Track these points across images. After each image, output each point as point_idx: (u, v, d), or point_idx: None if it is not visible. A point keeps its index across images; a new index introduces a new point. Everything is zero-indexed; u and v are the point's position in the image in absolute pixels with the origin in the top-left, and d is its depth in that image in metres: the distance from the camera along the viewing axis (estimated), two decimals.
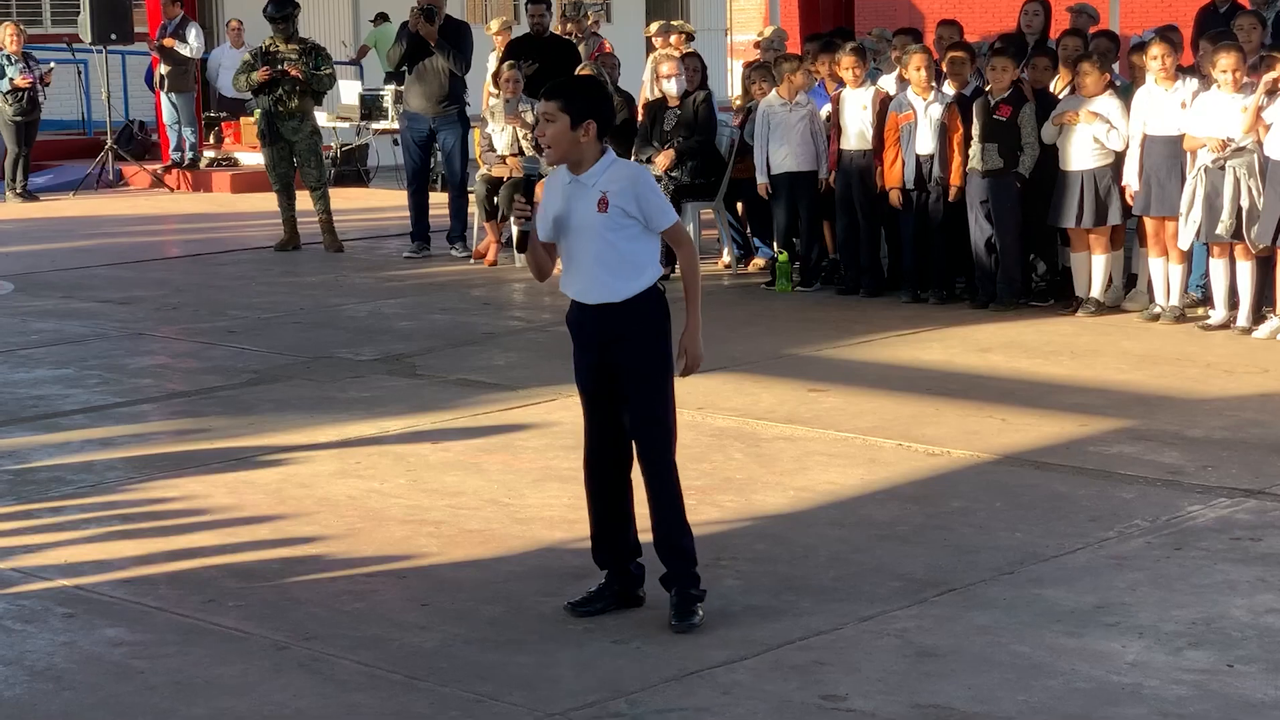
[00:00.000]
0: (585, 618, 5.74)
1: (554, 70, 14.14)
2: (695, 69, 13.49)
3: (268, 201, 15.47)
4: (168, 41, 19.85)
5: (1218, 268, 10.57)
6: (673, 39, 15.57)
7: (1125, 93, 11.08)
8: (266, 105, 14.74)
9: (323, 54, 15.07)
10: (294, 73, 14.63)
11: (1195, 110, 10.46)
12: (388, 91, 19.60)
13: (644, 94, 14.78)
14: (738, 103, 14.42)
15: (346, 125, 20.48)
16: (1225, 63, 10.25)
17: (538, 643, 5.55)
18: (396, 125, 16.67)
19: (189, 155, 20.43)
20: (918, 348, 10.23)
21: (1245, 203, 10.22)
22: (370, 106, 20.04)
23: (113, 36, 20.11)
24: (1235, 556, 6.28)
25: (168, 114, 20.48)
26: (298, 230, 14.94)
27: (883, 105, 11.82)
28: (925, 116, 11.52)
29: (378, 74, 22.01)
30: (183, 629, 5.74)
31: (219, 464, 7.83)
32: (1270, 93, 10.04)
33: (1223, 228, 10.24)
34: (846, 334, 10.58)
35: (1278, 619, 5.63)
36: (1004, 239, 11.37)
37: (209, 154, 20.78)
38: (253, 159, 20.40)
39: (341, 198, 16.11)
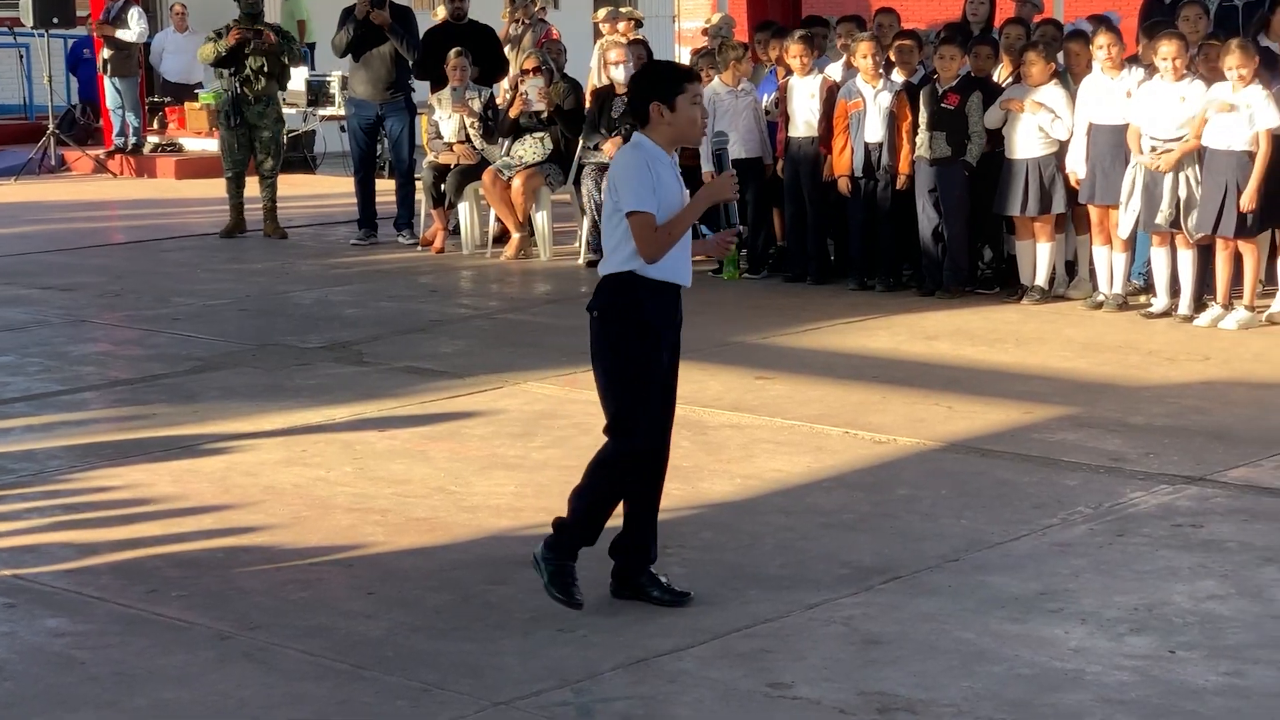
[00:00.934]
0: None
1: (476, 57, 14.12)
2: (641, 56, 13.47)
3: (212, 187, 15.39)
4: (107, 29, 19.69)
5: (1159, 256, 10.64)
6: (620, 26, 15.57)
7: (1063, 80, 11.13)
8: (233, 87, 14.59)
9: (290, 35, 15.02)
10: (269, 37, 14.53)
11: (1137, 99, 10.52)
12: (335, 78, 19.50)
13: (591, 81, 14.77)
14: None
15: (293, 111, 20.36)
16: (1166, 51, 10.31)
17: (484, 631, 5.55)
18: (343, 111, 16.58)
19: (132, 140, 20.27)
20: (865, 335, 10.26)
21: (1184, 193, 10.29)
22: (317, 92, 19.94)
23: (55, 20, 19.94)
24: (1176, 543, 6.33)
25: (111, 99, 20.32)
26: (244, 216, 14.85)
27: (830, 93, 11.84)
28: (874, 104, 11.55)
29: (327, 60, 21.91)
30: (125, 619, 5.71)
31: (163, 452, 7.79)
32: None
33: (1162, 217, 10.31)
34: (793, 322, 10.61)
35: (1218, 605, 5.68)
36: (952, 227, 11.42)
37: (153, 139, 20.63)
38: (197, 144, 20.30)
39: (288, 184, 16.02)
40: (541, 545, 5.71)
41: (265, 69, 14.56)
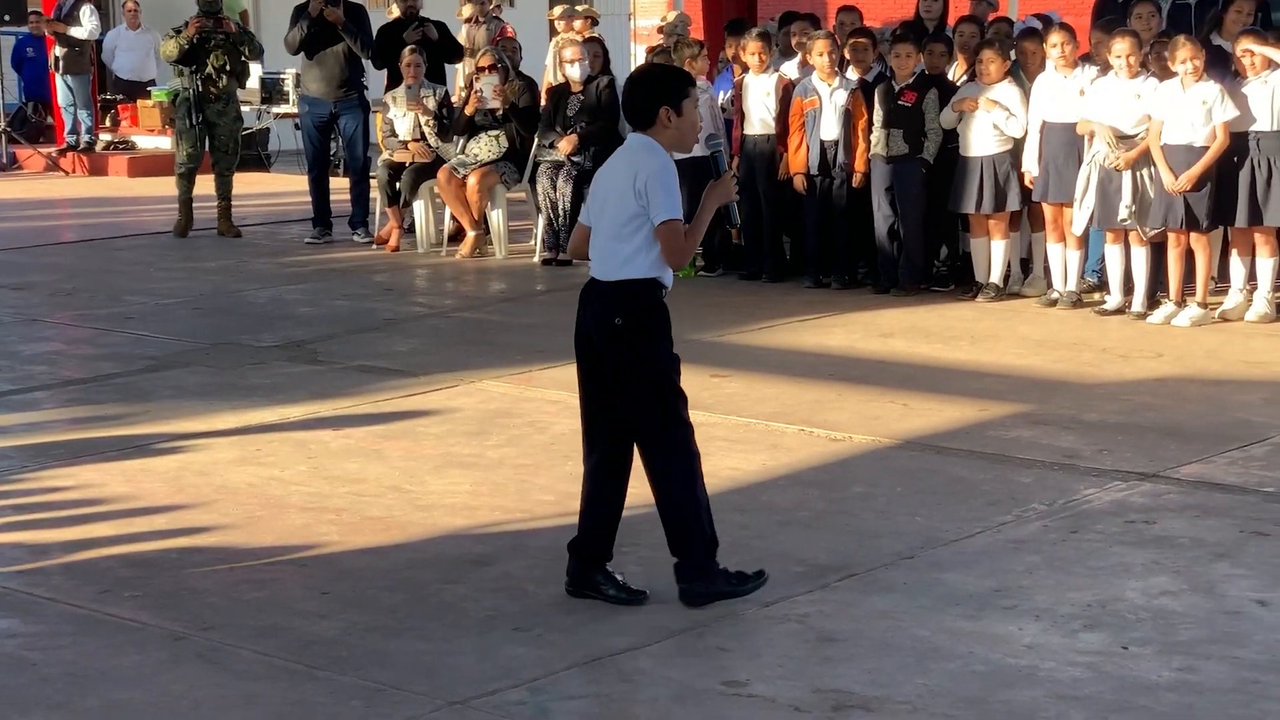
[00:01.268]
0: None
1: (431, 54, 14.10)
2: (597, 54, 13.47)
3: (166, 185, 15.30)
4: (58, 26, 19.57)
5: (1113, 253, 10.69)
6: (576, 24, 15.54)
7: (1017, 78, 11.18)
8: (192, 85, 14.49)
9: (249, 31, 14.97)
10: (229, 25, 14.47)
11: (1091, 96, 10.57)
12: (288, 75, 19.44)
13: (547, 79, 14.74)
14: None
15: (247, 109, 20.27)
16: (1120, 49, 10.37)
17: (439, 630, 5.53)
18: (297, 110, 16.52)
19: (85, 138, 20.16)
20: (820, 333, 10.28)
21: (1139, 189, 10.34)
22: (271, 90, 19.86)
23: (5, 17, 19.81)
24: (1130, 539, 6.36)
25: (63, 96, 20.20)
26: (193, 214, 14.76)
27: (786, 91, 11.86)
28: (830, 102, 11.57)
29: (280, 57, 21.82)
30: (78, 620, 5.67)
31: (115, 452, 7.74)
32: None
33: (1125, 212, 10.35)
34: (749, 319, 10.61)
35: (1171, 601, 5.70)
36: (908, 224, 11.45)
37: (105, 137, 20.52)
38: (150, 142, 20.19)
39: (242, 182, 15.93)
40: (687, 587, 5.66)
41: (227, 66, 14.49)
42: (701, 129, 6.90)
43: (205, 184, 14.80)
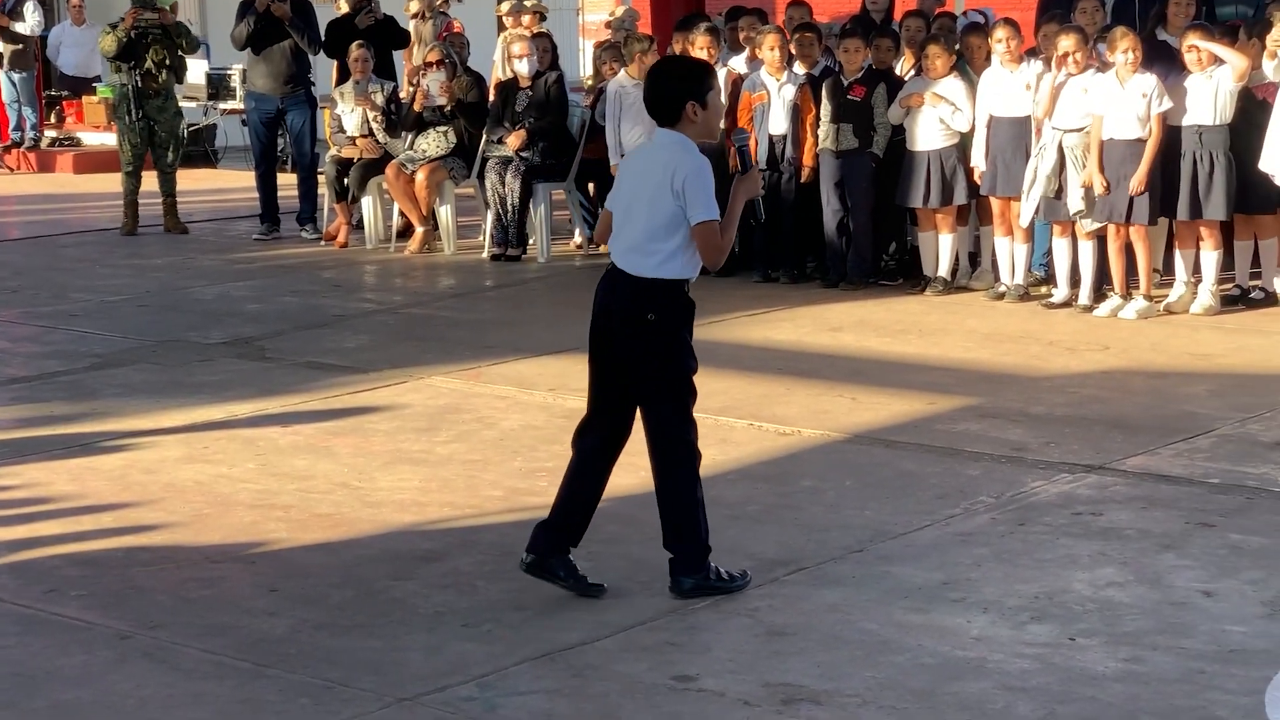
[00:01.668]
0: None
1: (379, 49, 14.08)
2: (546, 49, 13.47)
3: (112, 182, 15.21)
4: (2, 21, 19.42)
5: (1060, 247, 10.74)
6: (525, 19, 15.52)
7: (963, 72, 11.23)
8: (131, 81, 14.40)
9: (185, 25, 14.89)
10: (167, 16, 14.38)
11: (1042, 94, 10.61)
12: (235, 71, 19.33)
13: (495, 74, 14.71)
14: (589, 83, 14.40)
15: (193, 105, 20.16)
16: (1067, 45, 10.42)
17: (388, 627, 5.52)
18: (243, 105, 16.44)
19: (30, 135, 20.01)
20: (769, 327, 10.30)
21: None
22: (217, 86, 19.75)
23: None
24: (1077, 531, 6.39)
25: (7, 93, 20.04)
26: (138, 214, 14.67)
27: (734, 86, 11.87)
28: (779, 97, 11.59)
29: (227, 53, 21.73)
30: (23, 620, 5.63)
31: (61, 450, 7.69)
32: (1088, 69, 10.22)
33: (1079, 204, 10.39)
34: (697, 314, 10.57)
35: (1118, 592, 5.74)
36: (857, 218, 11.49)
37: (50, 134, 20.38)
38: (96, 138, 20.05)
39: (189, 179, 15.89)
40: (680, 580, 5.71)
41: (166, 61, 14.39)
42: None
43: (151, 180, 14.70)
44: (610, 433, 5.86)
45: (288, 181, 14.69)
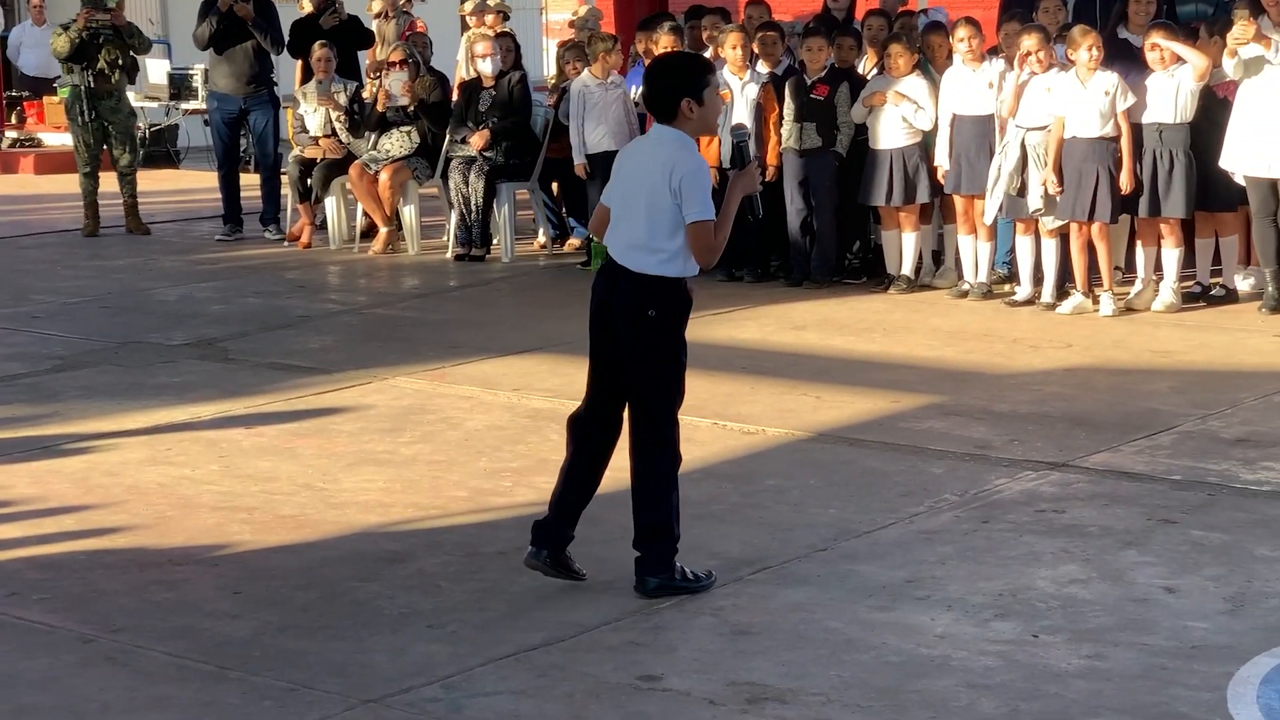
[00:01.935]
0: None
1: (343, 48, 14.05)
2: (509, 48, 13.46)
3: (73, 182, 15.10)
4: None
5: (1023, 245, 10.78)
6: (488, 18, 15.50)
7: (925, 70, 11.27)
8: (84, 81, 14.33)
9: (136, 26, 14.83)
10: (119, 19, 14.31)
11: (1006, 93, 10.64)
12: (197, 71, 19.27)
13: (459, 74, 14.70)
14: (552, 82, 14.39)
15: (155, 105, 20.10)
16: (1029, 44, 10.46)
17: (352, 629, 5.50)
18: (205, 106, 16.39)
19: None
20: (733, 326, 10.30)
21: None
22: (179, 86, 19.69)
23: None
24: (1040, 528, 6.42)
25: None
26: (99, 215, 14.61)
27: None
28: (742, 96, 11.59)
29: (189, 53, 21.68)
30: None
31: (22, 453, 7.65)
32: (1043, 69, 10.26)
33: (1040, 202, 10.43)
34: None
35: (1080, 589, 5.76)
36: (821, 217, 11.51)
37: (11, 134, 20.27)
38: (57, 139, 19.95)
39: (151, 179, 15.83)
40: (645, 579, 5.73)
41: (119, 62, 14.33)
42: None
43: (112, 181, 14.63)
44: (606, 425, 5.91)
45: (251, 182, 14.64)
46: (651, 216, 5.68)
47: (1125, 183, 10.20)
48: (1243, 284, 10.79)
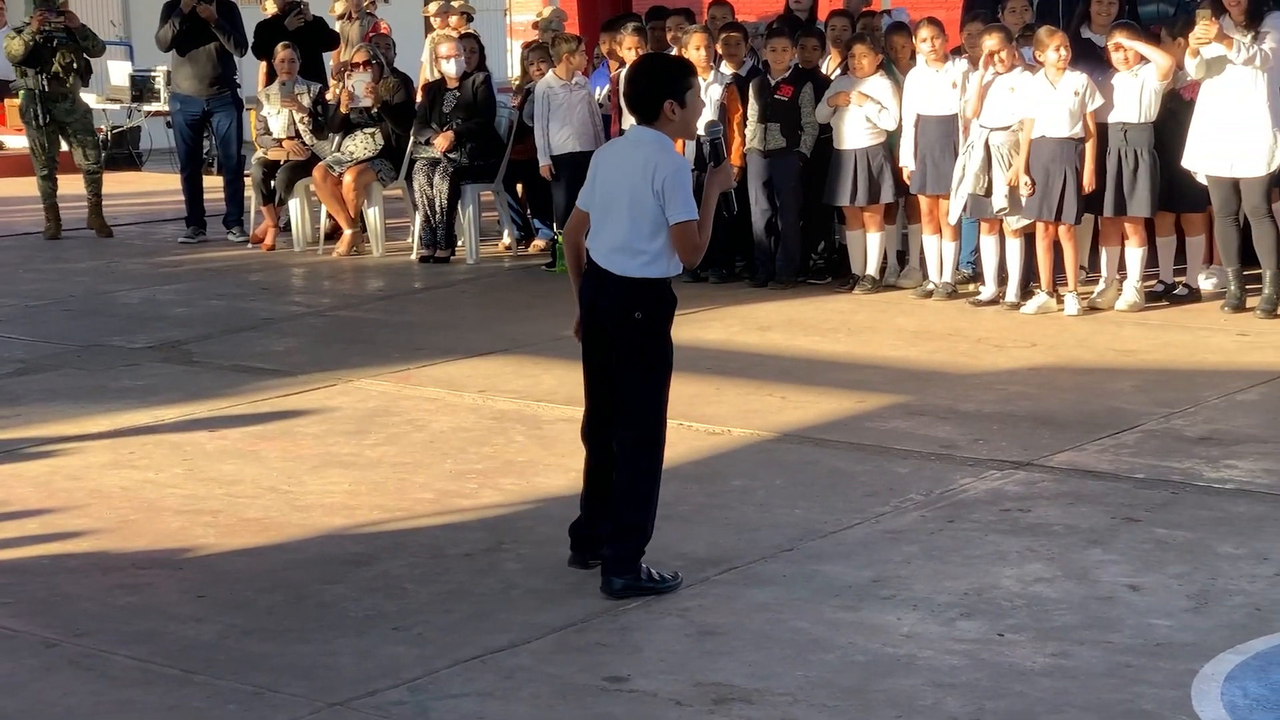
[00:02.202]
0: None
1: (308, 50, 14.02)
2: (473, 49, 13.43)
3: (35, 185, 15.02)
4: None
5: (988, 244, 10.81)
6: (452, 20, 15.48)
7: (889, 71, 11.29)
8: (38, 85, 14.24)
9: (89, 29, 14.75)
10: (73, 22, 14.24)
11: (970, 93, 10.67)
12: (159, 73, 19.18)
13: (423, 75, 14.68)
14: (516, 83, 14.38)
15: (117, 107, 20.00)
16: (991, 43, 10.49)
17: (318, 631, 5.49)
18: (168, 107, 16.32)
19: None
20: (698, 327, 10.30)
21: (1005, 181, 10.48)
22: (141, 88, 19.59)
23: None
24: (1005, 527, 6.43)
25: None
26: (60, 217, 14.54)
27: None
28: (705, 96, 11.58)
29: (151, 54, 21.58)
30: None
31: None
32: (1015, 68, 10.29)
33: (1003, 201, 10.46)
34: None
35: (1046, 588, 5.78)
36: (785, 218, 11.52)
37: None
38: (18, 141, 19.82)
39: (114, 182, 15.74)
40: (611, 581, 5.73)
41: (73, 65, 14.26)
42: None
43: (74, 184, 14.56)
44: (608, 428, 5.95)
45: (214, 184, 14.59)
46: (634, 218, 5.70)
47: (1088, 182, 10.24)
48: (1205, 283, 10.84)
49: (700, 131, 6.30)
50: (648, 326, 5.75)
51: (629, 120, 12.00)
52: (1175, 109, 10.43)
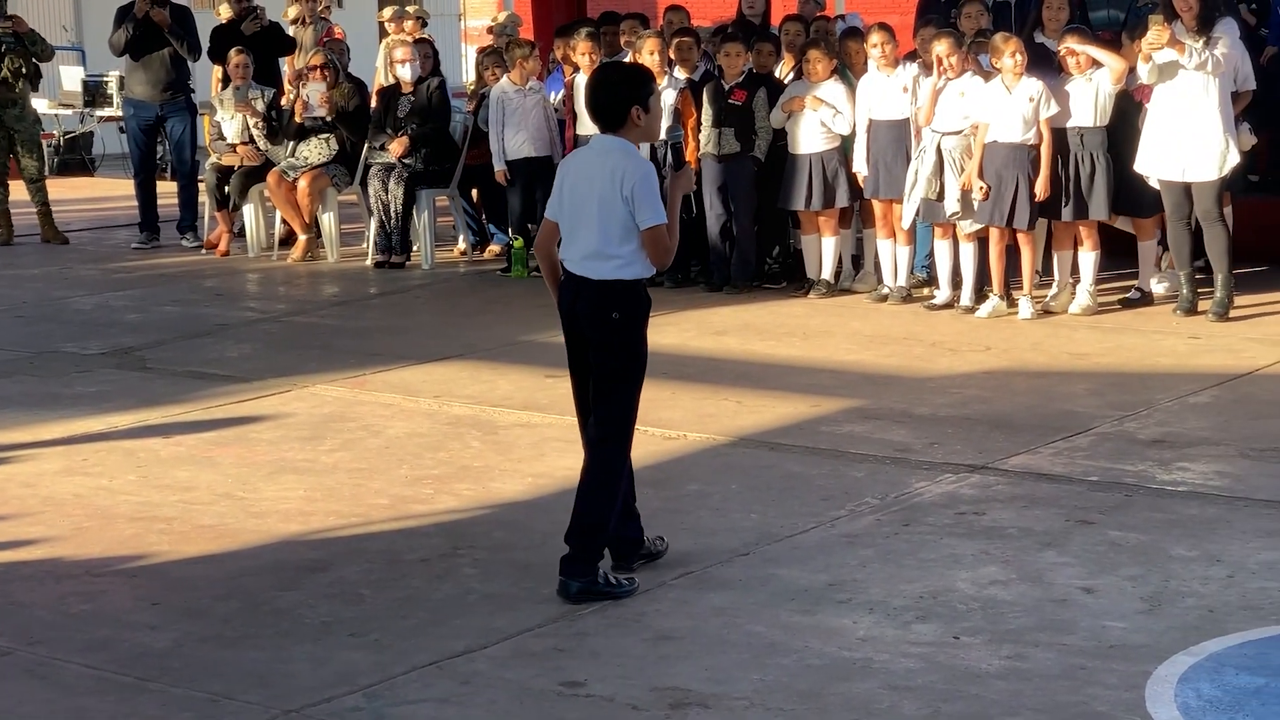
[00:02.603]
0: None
1: (263, 55, 13.98)
2: (427, 54, 13.42)
3: None
4: None
5: (942, 249, 10.85)
6: (407, 25, 15.46)
7: (843, 76, 11.32)
8: None
9: (38, 34, 14.68)
10: (21, 27, 14.15)
11: (922, 99, 10.71)
12: (112, 78, 19.10)
13: (378, 80, 14.66)
14: (471, 88, 14.37)
15: (70, 112, 19.90)
16: (941, 50, 10.54)
17: (273, 638, 5.47)
18: (121, 113, 16.25)
19: None
20: (653, 332, 10.10)
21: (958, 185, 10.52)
22: (94, 93, 19.50)
23: None
24: (960, 531, 6.46)
25: None
26: (12, 223, 14.46)
27: None
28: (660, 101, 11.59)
29: (104, 59, 21.48)
30: None
31: None
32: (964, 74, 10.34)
33: (956, 205, 10.51)
34: None
35: (1000, 590, 5.80)
36: (741, 222, 11.54)
37: None
38: None
39: (66, 187, 15.69)
40: (568, 584, 5.77)
41: (22, 70, 14.17)
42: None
43: (23, 189, 14.47)
44: None
45: (168, 189, 14.53)
46: (604, 224, 5.79)
47: (1041, 189, 10.29)
48: (1158, 287, 10.91)
49: (661, 136, 6.35)
50: (624, 326, 5.87)
51: (584, 125, 12.14)
52: (1126, 109, 10.49)
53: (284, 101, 13.77)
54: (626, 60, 11.27)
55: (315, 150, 13.27)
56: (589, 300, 5.85)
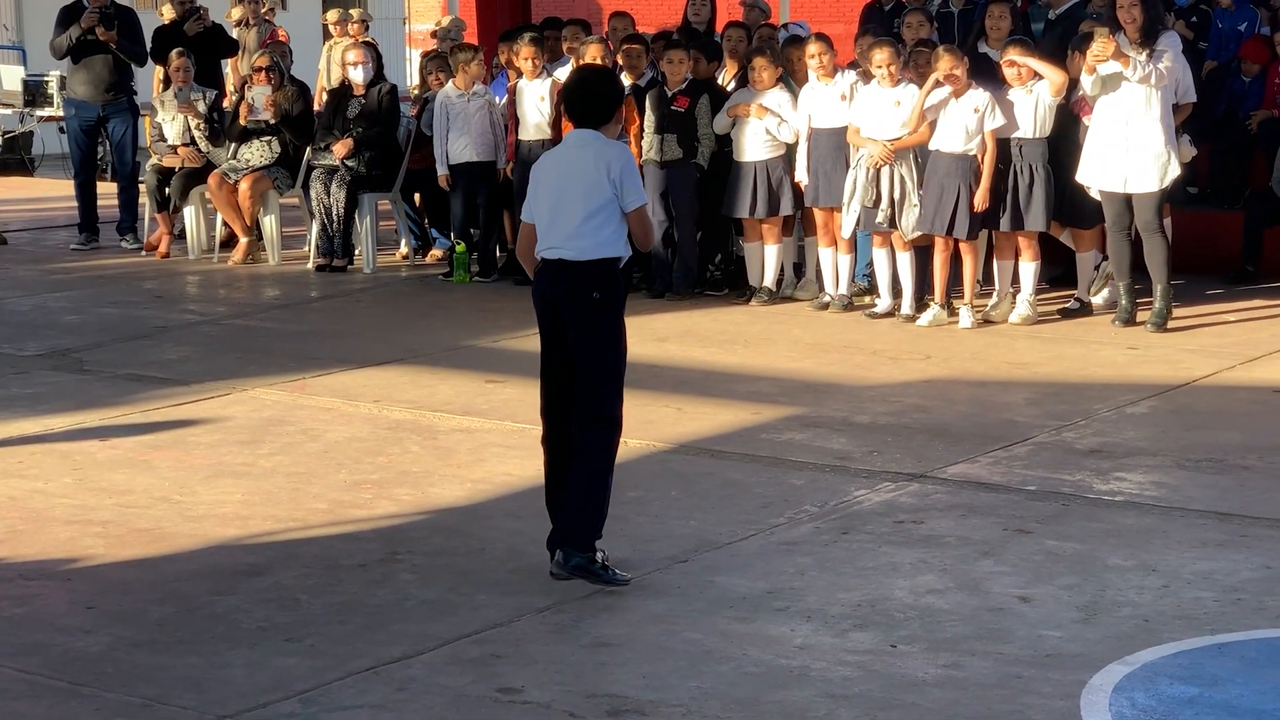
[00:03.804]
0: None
1: (205, 56, 13.92)
2: (371, 58, 13.36)
3: None
4: None
5: (880, 257, 10.89)
6: (351, 28, 15.42)
7: (787, 84, 11.35)
8: None
9: None
10: None
11: (857, 105, 10.76)
12: (53, 77, 18.96)
13: (320, 82, 14.60)
14: (415, 92, 14.33)
15: (9, 112, 19.75)
16: (880, 58, 10.58)
17: (209, 643, 5.43)
18: (62, 113, 16.12)
19: None
20: None
21: (898, 192, 10.55)
22: (35, 92, 19.35)
23: None
24: (898, 539, 6.48)
25: None
26: None
27: (559, 95, 11.86)
28: None
29: (44, 59, 21.33)
30: None
31: None
32: (937, 86, 10.38)
33: (882, 215, 10.57)
34: (524, 325, 10.51)
35: (938, 599, 5.82)
36: (682, 229, 11.54)
37: None
38: None
39: (5, 187, 15.57)
40: (569, 555, 5.93)
41: None
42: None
43: None
44: (565, 427, 6.13)
45: (108, 190, 14.44)
46: (588, 206, 6.01)
47: (980, 200, 10.33)
48: (1096, 297, 10.98)
49: None
50: (605, 306, 6.00)
51: (527, 130, 12.10)
52: (1066, 123, 10.55)
53: (226, 103, 13.69)
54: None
55: (257, 152, 13.21)
56: (570, 282, 6.00)
